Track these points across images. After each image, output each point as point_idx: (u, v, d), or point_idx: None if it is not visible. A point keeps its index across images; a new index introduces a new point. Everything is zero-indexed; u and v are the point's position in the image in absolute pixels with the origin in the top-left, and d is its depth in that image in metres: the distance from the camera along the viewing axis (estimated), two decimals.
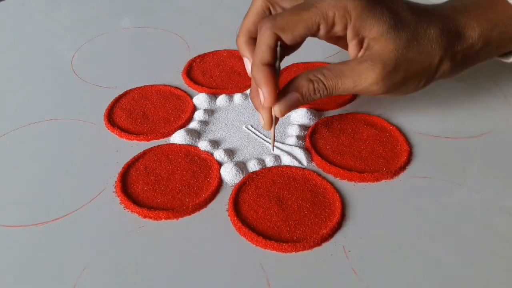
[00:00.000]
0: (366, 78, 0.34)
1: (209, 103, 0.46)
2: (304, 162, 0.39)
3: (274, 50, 0.34)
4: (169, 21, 0.61)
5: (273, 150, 0.40)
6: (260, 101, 0.35)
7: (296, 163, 0.39)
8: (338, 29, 0.34)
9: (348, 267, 0.32)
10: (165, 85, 0.48)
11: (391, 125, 0.43)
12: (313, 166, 0.39)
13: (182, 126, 0.43)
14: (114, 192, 0.37)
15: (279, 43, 0.34)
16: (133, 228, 0.35)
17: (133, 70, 0.51)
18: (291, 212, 0.35)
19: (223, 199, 0.37)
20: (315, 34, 0.35)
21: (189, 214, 0.36)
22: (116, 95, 0.47)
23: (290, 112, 0.44)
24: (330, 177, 0.38)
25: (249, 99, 0.46)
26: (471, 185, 0.37)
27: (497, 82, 0.48)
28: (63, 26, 0.61)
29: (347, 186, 0.38)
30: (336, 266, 0.32)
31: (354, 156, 0.40)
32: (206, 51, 0.53)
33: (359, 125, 0.43)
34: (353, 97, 0.46)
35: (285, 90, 0.35)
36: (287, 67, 0.50)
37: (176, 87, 0.48)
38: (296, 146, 0.40)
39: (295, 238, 0.34)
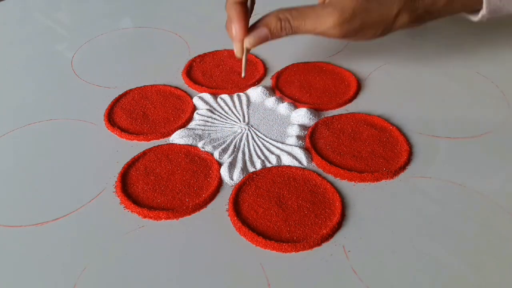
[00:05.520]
0: (325, 22, 0.38)
1: (209, 103, 0.46)
2: (304, 162, 0.39)
3: None
4: (169, 21, 0.61)
5: (243, 76, 0.44)
6: (233, 32, 0.40)
7: (296, 163, 0.39)
8: None
9: (348, 267, 0.32)
10: (165, 85, 0.48)
11: (391, 125, 0.43)
12: (313, 166, 0.39)
13: (182, 126, 0.43)
14: (114, 192, 0.37)
15: None
16: (133, 228, 0.35)
17: (133, 70, 0.51)
18: (291, 212, 0.35)
19: (223, 199, 0.37)
20: None
21: (189, 214, 0.36)
22: (116, 95, 0.47)
23: (288, 111, 0.44)
24: (330, 177, 0.38)
25: (250, 98, 0.46)
26: (471, 185, 0.37)
27: (497, 82, 0.48)
28: (63, 26, 0.61)
29: (347, 186, 0.38)
30: (336, 266, 0.32)
31: (354, 156, 0.40)
32: (206, 51, 0.53)
33: (359, 125, 0.43)
34: (353, 97, 0.46)
35: (256, 25, 0.40)
36: (287, 67, 0.50)
37: (176, 87, 0.48)
38: (296, 146, 0.40)
39: (295, 238, 0.34)
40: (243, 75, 0.44)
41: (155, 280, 0.31)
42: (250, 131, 0.43)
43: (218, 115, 0.45)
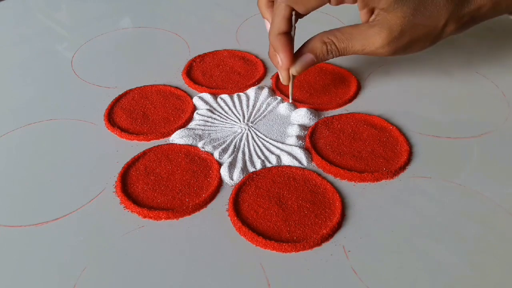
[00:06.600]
0: (373, 43, 0.38)
1: (209, 103, 0.46)
2: (304, 162, 0.39)
3: (289, 20, 0.38)
4: (169, 21, 0.61)
5: (291, 101, 0.45)
6: (278, 62, 0.40)
7: (296, 163, 0.39)
8: (348, 1, 0.38)
9: (348, 267, 0.32)
10: (165, 85, 0.48)
11: (391, 125, 0.43)
12: (313, 166, 0.39)
13: (182, 126, 0.43)
14: (114, 192, 0.37)
15: (293, 13, 0.38)
16: (133, 228, 0.35)
17: (133, 70, 0.51)
18: (291, 212, 0.35)
19: (223, 199, 0.37)
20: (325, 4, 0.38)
21: (189, 214, 0.36)
22: (116, 95, 0.47)
23: (288, 111, 0.44)
24: (330, 177, 0.38)
25: (250, 98, 0.46)
26: (471, 185, 0.37)
27: (497, 82, 0.48)
28: (63, 26, 0.61)
29: (347, 186, 0.38)
30: (336, 266, 0.32)
31: (354, 156, 0.40)
32: (206, 51, 0.53)
33: (359, 125, 0.43)
34: (353, 97, 0.46)
35: (301, 51, 0.40)
36: None
37: (176, 87, 0.48)
38: (296, 146, 0.40)
39: (295, 238, 0.34)
40: (290, 100, 0.45)
41: (155, 280, 0.31)
42: (250, 131, 0.43)
43: (218, 115, 0.45)
